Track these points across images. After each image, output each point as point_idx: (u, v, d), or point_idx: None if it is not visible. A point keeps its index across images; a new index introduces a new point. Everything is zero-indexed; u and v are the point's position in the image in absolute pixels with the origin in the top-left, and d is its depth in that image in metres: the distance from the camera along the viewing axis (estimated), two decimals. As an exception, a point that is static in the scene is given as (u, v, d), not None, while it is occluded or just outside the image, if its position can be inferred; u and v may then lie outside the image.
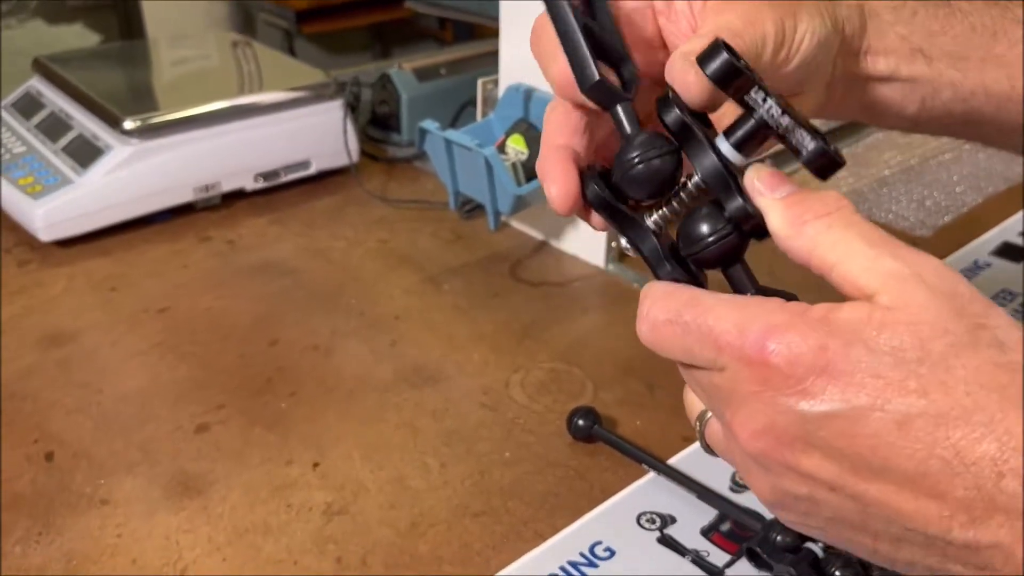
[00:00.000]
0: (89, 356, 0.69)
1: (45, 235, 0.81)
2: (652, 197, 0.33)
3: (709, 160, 0.31)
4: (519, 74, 0.81)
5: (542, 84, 0.79)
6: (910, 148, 1.04)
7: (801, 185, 0.31)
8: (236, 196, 0.92)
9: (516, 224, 0.88)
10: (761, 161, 0.33)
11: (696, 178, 0.32)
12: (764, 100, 0.30)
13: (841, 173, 0.97)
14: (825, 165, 0.30)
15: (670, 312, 0.31)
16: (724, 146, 0.32)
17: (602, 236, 0.80)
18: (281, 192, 0.94)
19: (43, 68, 0.96)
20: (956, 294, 0.28)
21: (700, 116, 0.34)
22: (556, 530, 0.54)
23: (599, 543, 0.52)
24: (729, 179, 0.31)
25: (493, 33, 0.86)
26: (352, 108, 0.99)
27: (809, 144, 0.30)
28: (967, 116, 0.42)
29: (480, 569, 0.51)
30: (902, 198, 0.93)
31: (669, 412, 0.64)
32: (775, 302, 0.30)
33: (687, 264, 0.33)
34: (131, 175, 0.84)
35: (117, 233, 0.85)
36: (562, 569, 0.51)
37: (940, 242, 0.85)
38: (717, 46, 0.30)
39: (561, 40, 0.33)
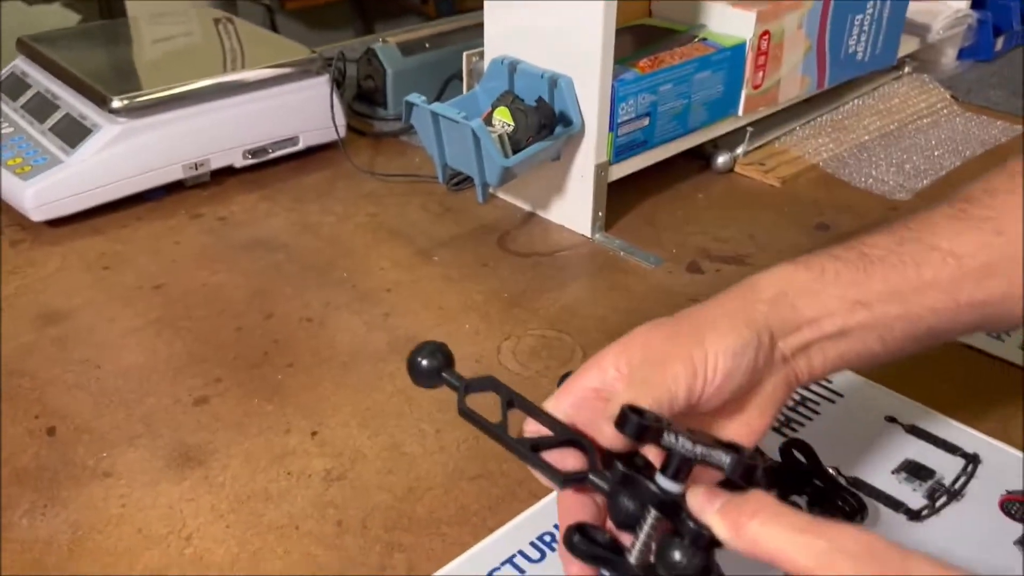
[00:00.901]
0: (86, 333, 0.70)
1: (36, 215, 0.82)
2: (629, 527, 0.39)
3: (657, 499, 0.38)
4: (504, 47, 0.82)
5: (527, 56, 0.80)
6: (889, 114, 1.05)
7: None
8: (225, 173, 0.93)
9: (504, 196, 0.89)
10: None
11: (652, 513, 0.38)
12: (676, 439, 0.37)
13: (822, 139, 0.99)
14: (745, 473, 0.36)
15: None
16: (664, 483, 0.38)
17: (588, 208, 0.82)
18: (270, 168, 0.95)
19: (27, 48, 0.96)
20: (875, 555, 0.32)
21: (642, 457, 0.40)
22: (549, 491, 0.55)
23: (591, 501, 0.54)
24: (678, 508, 0.37)
25: (477, 6, 0.86)
26: (337, 84, 1.00)
27: (725, 460, 0.36)
28: (932, 332, 0.45)
29: (477, 529, 0.53)
30: (881, 163, 0.94)
31: (657, 375, 0.65)
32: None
33: None
34: (120, 154, 0.84)
35: (108, 212, 0.86)
36: (556, 527, 0.52)
37: (920, 205, 0.87)
38: (624, 414, 0.37)
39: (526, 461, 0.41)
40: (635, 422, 0.37)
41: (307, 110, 0.95)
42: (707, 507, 0.36)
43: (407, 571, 0.50)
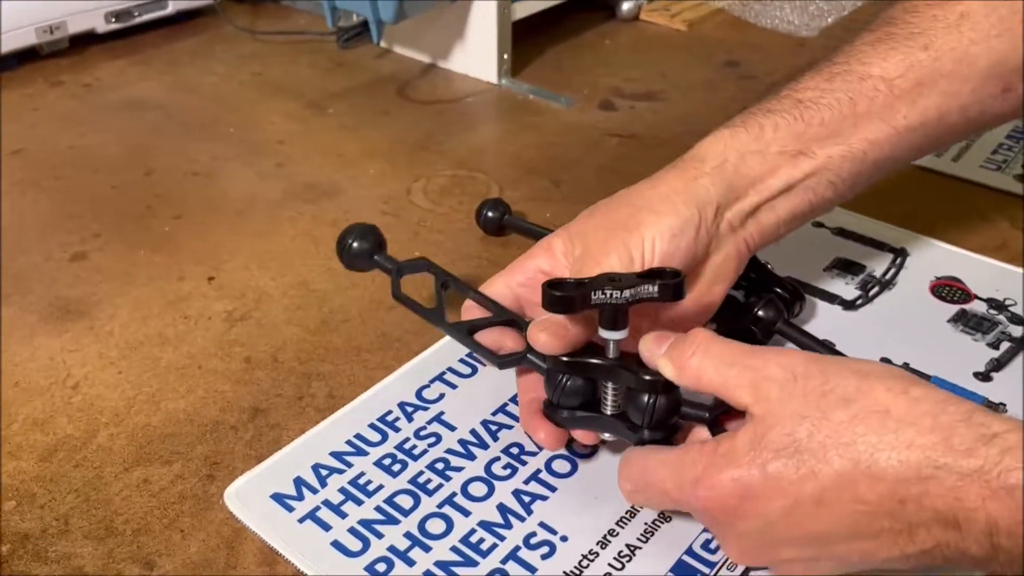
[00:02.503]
0: (-64, 199, 0.62)
1: None
2: (586, 402, 0.40)
3: (603, 370, 0.39)
4: None
5: None
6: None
7: None
8: (87, 40, 0.83)
9: (400, 49, 0.83)
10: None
11: (611, 383, 0.39)
12: (604, 293, 0.37)
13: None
14: (673, 294, 0.37)
15: (632, 483, 0.38)
16: (608, 334, 0.38)
17: (493, 51, 0.77)
18: (138, 35, 0.86)
19: None
20: (797, 376, 0.34)
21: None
22: (476, 311, 0.51)
23: (521, 318, 0.51)
24: (629, 368, 0.38)
25: None
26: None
27: (654, 289, 0.37)
28: (877, 165, 0.43)
29: (399, 354, 0.49)
30: (785, 4, 0.92)
31: (577, 202, 0.61)
32: (694, 451, 0.36)
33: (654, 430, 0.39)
34: (-40, 12, 0.75)
35: (-48, 80, 0.76)
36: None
37: (825, 42, 0.85)
38: (544, 292, 0.37)
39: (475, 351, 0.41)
40: (557, 296, 0.37)
41: (175, -31, 0.86)
42: (656, 352, 0.37)
43: (328, 397, 0.46)
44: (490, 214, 0.58)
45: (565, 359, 0.39)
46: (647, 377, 0.38)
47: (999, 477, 0.30)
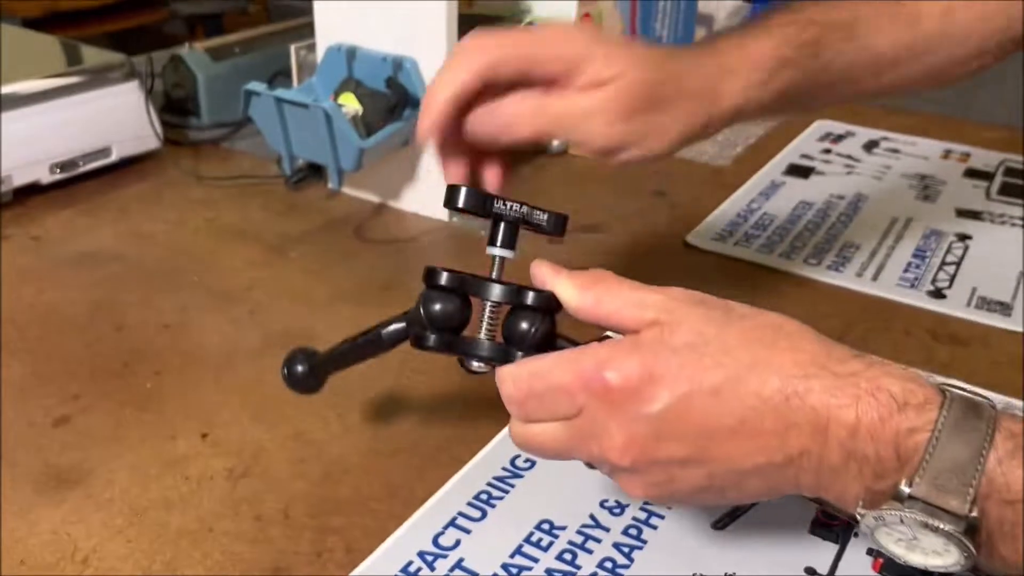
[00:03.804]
0: (-102, 368, 0.60)
1: None
2: (462, 326, 0.42)
3: (491, 288, 0.41)
4: (339, 34, 0.80)
5: (366, 42, 0.79)
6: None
7: None
8: (29, 191, 0.83)
9: (349, 190, 0.86)
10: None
11: (488, 303, 0.42)
12: (504, 203, 0.41)
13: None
14: (560, 225, 0.42)
15: (523, 389, 0.39)
16: (497, 251, 0.41)
17: (443, 190, 0.81)
18: (81, 184, 0.86)
19: None
20: (701, 299, 0.39)
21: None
22: (473, 453, 0.54)
23: (518, 456, 0.53)
24: (514, 289, 0.41)
25: (249, 24, 0.83)
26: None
27: (543, 217, 0.42)
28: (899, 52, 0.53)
29: (407, 501, 0.50)
30: (700, 136, 1.01)
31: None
32: (594, 345, 0.38)
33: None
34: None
35: None
36: (490, 485, 0.51)
37: (739, 167, 0.93)
38: (450, 190, 0.42)
39: None
40: (464, 193, 0.41)
41: (118, 118, 0.88)
42: (553, 275, 0.40)
43: (347, 551, 0.47)
44: (471, 354, 0.60)
45: (446, 274, 0.41)
46: (542, 292, 0.39)
47: (870, 381, 0.35)
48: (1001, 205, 0.84)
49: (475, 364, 0.43)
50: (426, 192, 0.82)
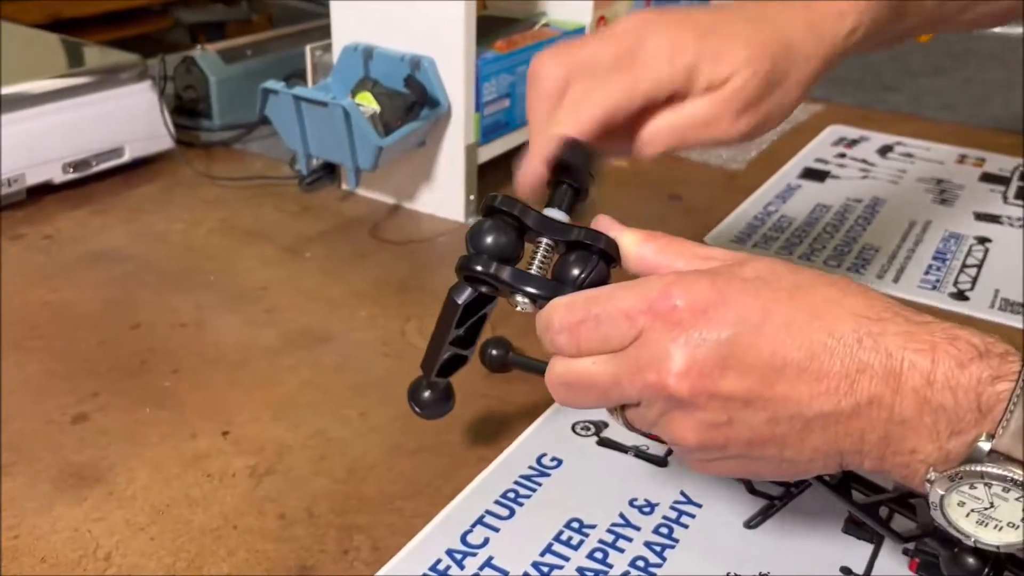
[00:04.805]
0: (-88, 365, 0.60)
1: None
2: (507, 259, 0.40)
3: (553, 225, 0.40)
4: (355, 34, 0.80)
5: (382, 42, 0.78)
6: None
7: None
8: (42, 191, 0.83)
9: (363, 192, 0.86)
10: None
11: (544, 242, 0.41)
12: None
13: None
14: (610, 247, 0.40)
15: (578, 314, 0.37)
16: (556, 213, 0.41)
17: (459, 191, 0.80)
18: (93, 184, 0.86)
19: None
20: (775, 270, 0.37)
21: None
22: (500, 451, 0.53)
23: (544, 455, 0.53)
24: (581, 229, 0.40)
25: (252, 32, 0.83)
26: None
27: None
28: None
29: (433, 499, 0.50)
30: (713, 140, 1.00)
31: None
32: (659, 275, 0.37)
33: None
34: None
35: (-93, 237, 0.74)
36: (517, 483, 0.50)
37: (753, 172, 0.93)
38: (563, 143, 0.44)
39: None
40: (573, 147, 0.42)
41: (131, 118, 0.87)
42: (617, 226, 0.40)
43: (373, 549, 0.46)
44: (494, 352, 0.60)
45: (509, 207, 0.40)
46: (606, 238, 0.39)
47: (945, 330, 0.34)
48: (1019, 209, 0.84)
49: (520, 299, 0.40)
50: (442, 193, 0.81)
